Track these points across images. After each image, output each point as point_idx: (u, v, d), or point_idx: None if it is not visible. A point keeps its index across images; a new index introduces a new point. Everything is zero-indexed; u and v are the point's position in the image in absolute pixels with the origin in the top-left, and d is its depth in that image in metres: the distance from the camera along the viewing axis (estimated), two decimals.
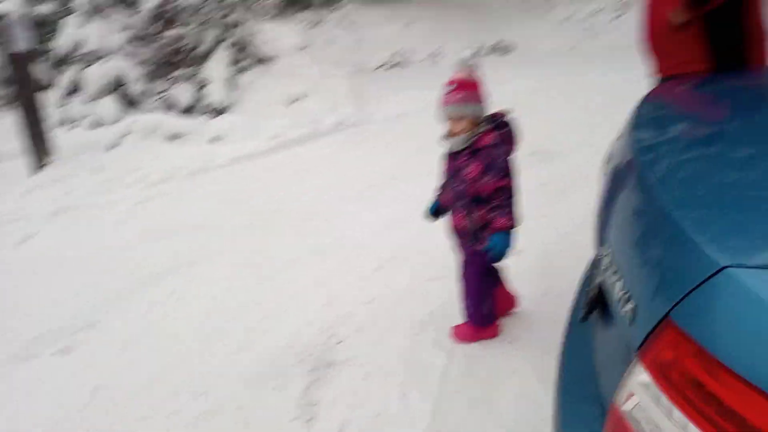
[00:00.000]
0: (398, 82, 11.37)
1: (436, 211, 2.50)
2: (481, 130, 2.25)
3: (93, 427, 2.23)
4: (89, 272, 3.62)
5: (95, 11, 7.67)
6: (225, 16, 8.28)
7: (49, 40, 7.72)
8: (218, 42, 8.25)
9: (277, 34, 9.42)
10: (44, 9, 7.90)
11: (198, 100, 7.86)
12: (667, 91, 1.90)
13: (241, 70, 8.45)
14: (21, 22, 5.71)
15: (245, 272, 3.40)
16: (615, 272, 1.11)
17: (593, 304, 1.36)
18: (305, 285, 3.15)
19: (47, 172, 5.68)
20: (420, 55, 14.53)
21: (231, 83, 7.99)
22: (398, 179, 4.93)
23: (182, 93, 7.86)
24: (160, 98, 7.90)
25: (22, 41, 5.64)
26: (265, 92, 8.09)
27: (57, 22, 7.78)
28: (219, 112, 7.72)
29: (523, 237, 3.30)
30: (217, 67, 7.97)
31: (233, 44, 8.33)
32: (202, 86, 7.87)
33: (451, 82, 2.27)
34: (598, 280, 1.32)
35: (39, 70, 7.65)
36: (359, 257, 3.43)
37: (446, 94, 2.25)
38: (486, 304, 2.44)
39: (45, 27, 7.78)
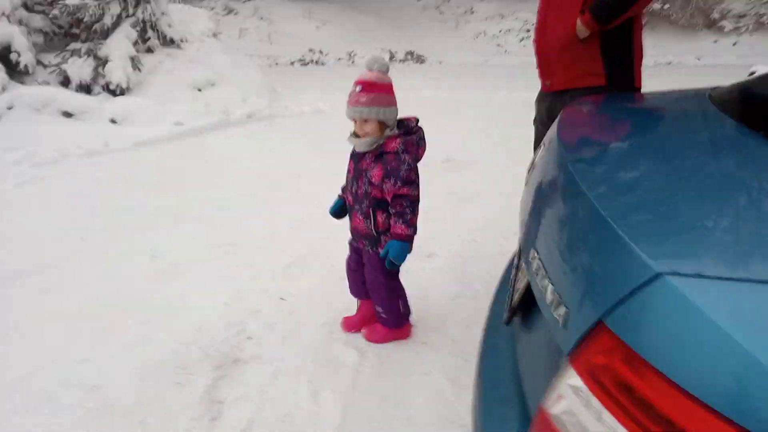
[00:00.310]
0: (312, 80, 11.28)
1: (340, 210, 2.43)
2: (388, 134, 2.18)
3: None
4: None
5: None
6: None
7: None
8: (122, 18, 7.79)
9: (187, 18, 9.05)
10: None
11: (97, 77, 7.37)
12: (587, 102, 1.96)
13: (147, 51, 8.02)
14: None
15: (144, 263, 3.21)
16: (545, 276, 1.12)
17: (518, 306, 1.38)
18: (211, 279, 3.01)
19: None
20: (334, 55, 14.50)
21: (135, 63, 7.56)
22: (308, 175, 4.88)
23: (79, 68, 7.33)
24: (53, 71, 7.33)
25: None
26: (171, 76, 7.73)
27: None
28: (120, 92, 7.29)
29: (434, 241, 3.36)
30: (119, 44, 7.51)
31: (139, 22, 7.89)
32: (102, 63, 7.38)
33: (358, 83, 2.15)
34: (524, 282, 1.34)
35: None
36: (269, 253, 3.33)
37: (353, 94, 2.14)
38: (398, 305, 2.42)
39: None
